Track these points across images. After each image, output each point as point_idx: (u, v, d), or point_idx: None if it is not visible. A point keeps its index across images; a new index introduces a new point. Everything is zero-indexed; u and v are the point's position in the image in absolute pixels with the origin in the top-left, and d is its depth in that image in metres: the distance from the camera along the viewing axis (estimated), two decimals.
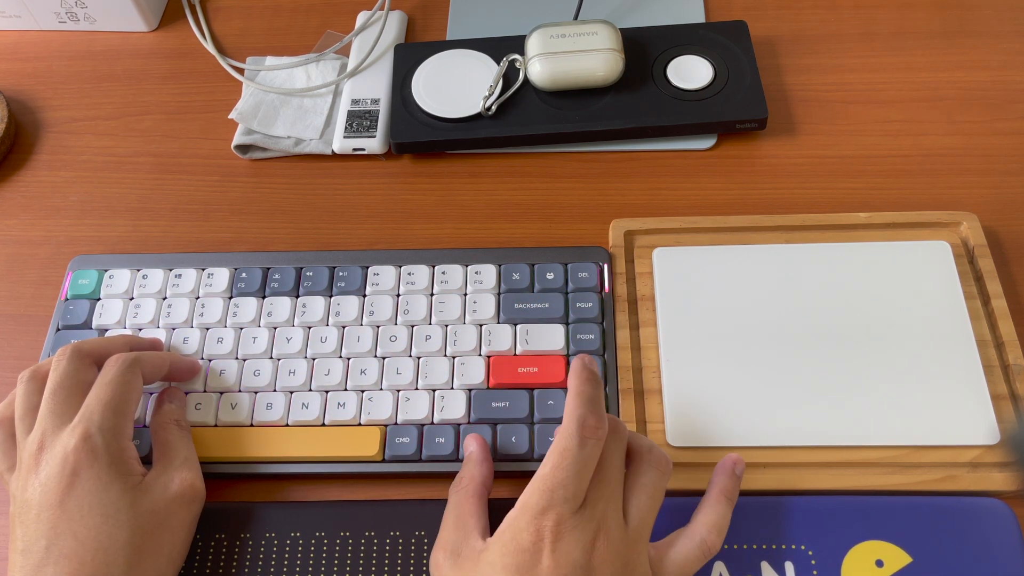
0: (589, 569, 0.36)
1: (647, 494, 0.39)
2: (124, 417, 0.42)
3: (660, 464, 0.40)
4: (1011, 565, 0.41)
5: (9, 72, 0.66)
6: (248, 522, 0.44)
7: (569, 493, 0.36)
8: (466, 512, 0.40)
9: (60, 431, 0.40)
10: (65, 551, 0.38)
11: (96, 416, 0.40)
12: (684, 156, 0.58)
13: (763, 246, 0.51)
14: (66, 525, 0.38)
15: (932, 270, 0.49)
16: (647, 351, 0.48)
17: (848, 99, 0.60)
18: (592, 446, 0.37)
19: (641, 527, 0.38)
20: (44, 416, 0.41)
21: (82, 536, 0.38)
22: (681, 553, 0.39)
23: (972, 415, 0.45)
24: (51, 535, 0.38)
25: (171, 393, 0.47)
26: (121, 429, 0.41)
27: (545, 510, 0.36)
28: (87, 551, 0.38)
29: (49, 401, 0.41)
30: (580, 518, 0.37)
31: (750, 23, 0.63)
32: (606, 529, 0.37)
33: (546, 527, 0.36)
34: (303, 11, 0.68)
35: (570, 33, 0.57)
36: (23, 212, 0.58)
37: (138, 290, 0.51)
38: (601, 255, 0.51)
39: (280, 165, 0.59)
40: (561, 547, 0.36)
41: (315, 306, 0.50)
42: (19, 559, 0.38)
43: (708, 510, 0.40)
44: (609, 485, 0.38)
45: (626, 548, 0.37)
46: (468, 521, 0.39)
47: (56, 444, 0.40)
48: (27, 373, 0.43)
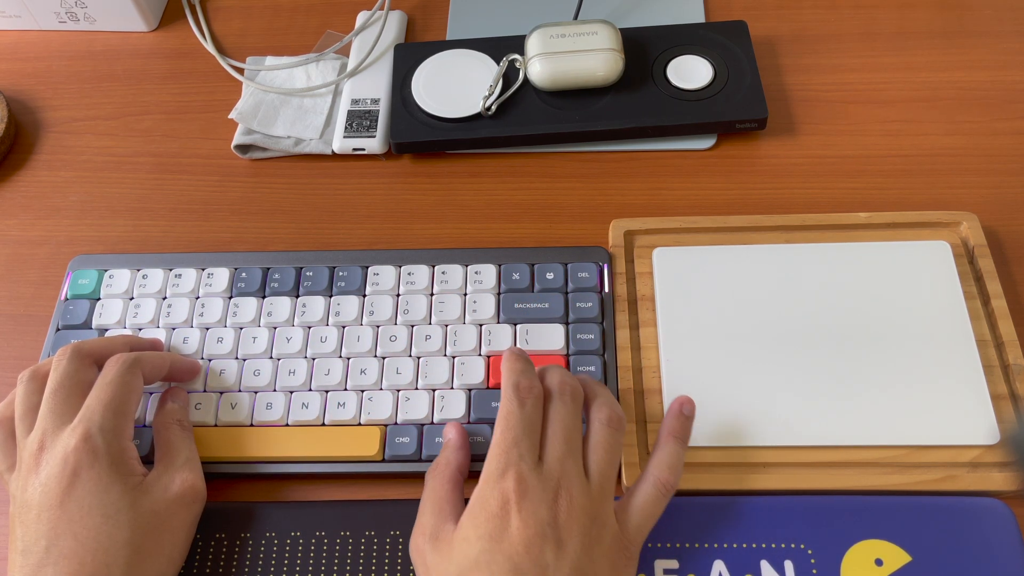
0: (556, 525, 0.37)
1: (603, 449, 0.40)
2: (124, 417, 0.42)
3: (613, 421, 0.41)
4: (1011, 565, 0.41)
5: (9, 72, 0.66)
6: (248, 522, 0.44)
7: (523, 449, 0.38)
8: (442, 497, 0.40)
9: (60, 431, 0.40)
10: (65, 551, 0.38)
11: (97, 416, 0.40)
12: (684, 156, 0.58)
13: (763, 246, 0.51)
14: (66, 525, 0.38)
15: (932, 270, 0.49)
16: (647, 351, 0.48)
17: (848, 99, 0.60)
18: (531, 404, 0.40)
19: (603, 481, 0.39)
20: (44, 416, 0.41)
21: (82, 536, 0.38)
22: (640, 497, 0.40)
23: (972, 415, 0.45)
24: (51, 535, 0.38)
25: (173, 393, 0.46)
26: (121, 429, 0.41)
27: (504, 471, 0.38)
28: (87, 551, 0.38)
29: (49, 401, 0.41)
30: (540, 475, 0.38)
31: (750, 23, 0.63)
32: (568, 485, 0.38)
33: (509, 488, 0.37)
34: (303, 11, 0.68)
35: (570, 33, 0.57)
36: (23, 212, 0.58)
37: (138, 290, 0.51)
38: (601, 255, 0.51)
39: (280, 165, 0.60)
40: (526, 506, 0.37)
41: (315, 306, 0.50)
42: (19, 559, 0.38)
43: (659, 451, 0.42)
44: (564, 443, 0.39)
45: (590, 503, 0.38)
46: (444, 507, 0.40)
47: (56, 444, 0.40)
48: (27, 373, 0.43)
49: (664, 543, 0.42)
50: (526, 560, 0.36)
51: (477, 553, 0.36)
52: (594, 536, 0.38)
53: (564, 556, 0.37)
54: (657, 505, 0.40)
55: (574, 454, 0.39)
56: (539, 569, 0.36)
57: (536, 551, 0.36)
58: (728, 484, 0.44)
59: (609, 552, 0.38)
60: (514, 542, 0.36)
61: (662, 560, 0.42)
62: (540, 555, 0.36)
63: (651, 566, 0.42)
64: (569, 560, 0.37)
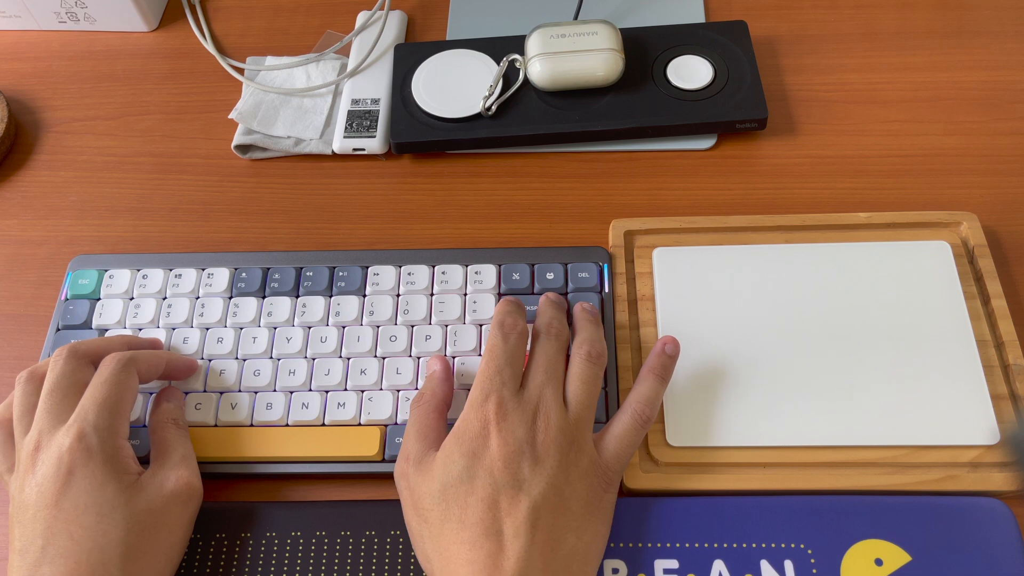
0: (534, 444, 0.40)
1: (581, 381, 0.42)
2: (119, 416, 0.42)
3: (593, 356, 0.43)
4: (1011, 565, 0.41)
5: (9, 72, 0.66)
6: (248, 522, 0.44)
7: (505, 377, 0.41)
8: (428, 426, 0.42)
9: (56, 431, 0.40)
10: (60, 551, 0.38)
11: (91, 415, 0.41)
12: (684, 156, 0.58)
13: (763, 246, 0.51)
14: (62, 525, 0.38)
15: (932, 270, 0.49)
16: (647, 351, 0.48)
17: (848, 99, 0.60)
18: (515, 339, 0.43)
19: (580, 410, 0.42)
20: (40, 416, 0.41)
21: (77, 535, 0.38)
22: (618, 428, 0.42)
23: (972, 415, 0.45)
24: (47, 535, 0.38)
25: (169, 392, 0.47)
26: (116, 428, 0.41)
27: (487, 397, 0.41)
28: (82, 550, 0.38)
29: (46, 401, 0.42)
30: (520, 399, 0.41)
31: (750, 23, 0.63)
32: (546, 409, 0.41)
33: (489, 411, 0.40)
34: (303, 11, 0.68)
35: (570, 33, 0.57)
36: (23, 212, 0.58)
37: (138, 290, 0.51)
38: (601, 255, 0.51)
39: (280, 165, 0.60)
40: (506, 426, 0.39)
41: (315, 306, 0.50)
42: (16, 559, 0.38)
43: (639, 385, 0.44)
44: (545, 373, 0.42)
45: (568, 427, 0.41)
46: (429, 434, 0.42)
47: (52, 444, 0.40)
48: (25, 374, 0.44)
49: (664, 543, 0.42)
50: (504, 474, 0.38)
51: (460, 469, 0.39)
52: (571, 459, 0.40)
53: (540, 471, 0.39)
54: (635, 435, 0.42)
55: (554, 383, 0.42)
56: (516, 482, 0.38)
57: (514, 466, 0.39)
58: (728, 484, 0.44)
59: (586, 475, 0.40)
60: (494, 458, 0.39)
61: (662, 560, 0.42)
62: (518, 469, 0.39)
63: (651, 566, 0.42)
64: (545, 475, 0.39)
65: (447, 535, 0.38)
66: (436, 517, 0.39)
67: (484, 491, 0.38)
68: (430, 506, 0.39)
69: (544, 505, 0.38)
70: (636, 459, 0.44)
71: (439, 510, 0.39)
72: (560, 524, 0.39)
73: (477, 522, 0.38)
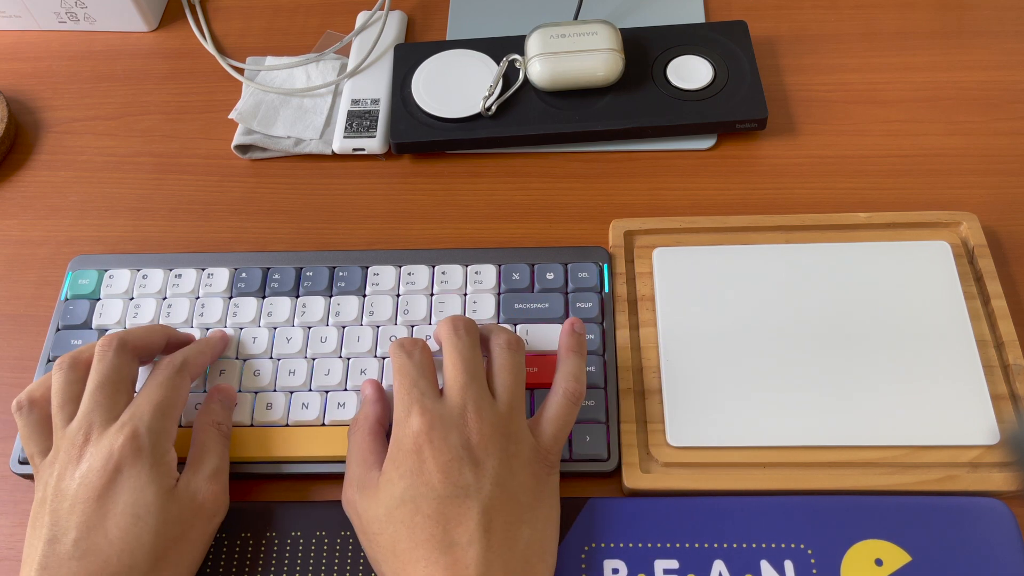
0: (470, 447, 0.39)
1: (506, 371, 0.42)
2: (171, 420, 0.42)
3: (512, 344, 0.43)
4: (1011, 565, 0.41)
5: (9, 72, 0.66)
6: (248, 522, 0.44)
7: (422, 388, 0.41)
8: (365, 449, 0.42)
9: (108, 426, 0.41)
10: (93, 547, 0.38)
11: (146, 416, 0.41)
12: (684, 156, 0.58)
13: (763, 246, 0.51)
14: (99, 521, 0.38)
15: (932, 270, 0.49)
16: (647, 351, 0.48)
17: (848, 99, 0.60)
18: (418, 353, 0.42)
19: (510, 399, 0.41)
20: (92, 410, 0.41)
21: (113, 535, 0.38)
22: (552, 409, 0.42)
23: (972, 415, 0.45)
24: (82, 528, 0.38)
25: (223, 392, 0.46)
26: (167, 432, 0.41)
27: (409, 411, 0.40)
28: (114, 551, 0.38)
29: (97, 395, 0.41)
30: (444, 406, 0.40)
31: (750, 23, 0.63)
32: (474, 409, 0.40)
33: (416, 424, 0.39)
34: (303, 11, 0.68)
35: (570, 33, 0.57)
36: (23, 212, 0.58)
37: (138, 290, 0.51)
38: (601, 255, 0.51)
39: (280, 165, 0.60)
40: (436, 435, 0.39)
41: (315, 306, 0.50)
42: (43, 547, 0.38)
43: (562, 365, 0.44)
44: (463, 372, 0.41)
45: (501, 422, 0.40)
46: (368, 457, 0.41)
47: (104, 439, 0.40)
48: (67, 360, 0.43)
49: (664, 543, 0.42)
50: (447, 485, 0.38)
51: (401, 490, 0.38)
52: (511, 451, 0.40)
53: (483, 473, 0.38)
54: (569, 414, 0.42)
55: (475, 380, 0.41)
56: (460, 490, 0.38)
57: (455, 474, 0.38)
58: (728, 484, 0.44)
59: (528, 463, 0.40)
60: (432, 471, 0.38)
61: (662, 560, 0.42)
62: (459, 477, 0.38)
63: (651, 566, 0.42)
64: (489, 476, 0.38)
65: (401, 556, 0.38)
66: (386, 540, 0.38)
67: (429, 507, 0.38)
68: (379, 530, 0.39)
69: (493, 505, 0.38)
70: (636, 459, 0.44)
71: (388, 533, 0.38)
72: (513, 520, 0.38)
73: (428, 539, 0.37)
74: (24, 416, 0.43)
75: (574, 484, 0.46)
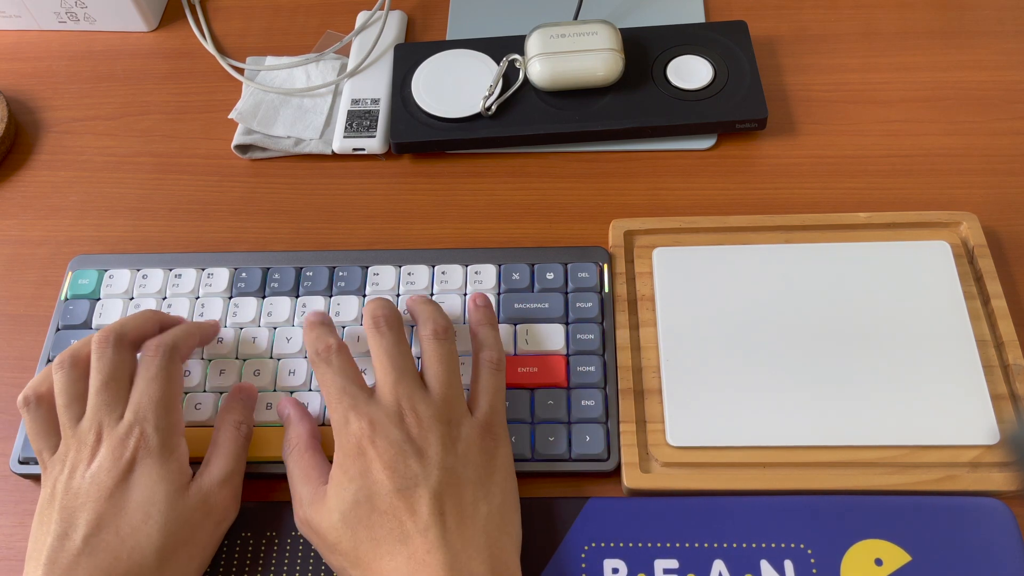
0: (411, 439, 0.39)
1: (435, 361, 0.43)
2: (175, 413, 0.42)
3: (439, 333, 0.43)
4: (1011, 565, 0.41)
5: (9, 72, 0.66)
6: (248, 522, 0.44)
7: (351, 392, 0.41)
8: (307, 466, 0.42)
9: (117, 424, 0.41)
10: (103, 544, 0.38)
11: (151, 415, 0.41)
12: (684, 156, 0.58)
13: (763, 246, 0.51)
14: (110, 518, 0.39)
15: (932, 270, 0.49)
16: (647, 351, 0.48)
17: (848, 99, 0.60)
18: (336, 358, 0.42)
19: (445, 389, 0.42)
20: (99, 407, 0.41)
21: (124, 532, 0.38)
22: (481, 382, 0.44)
23: (972, 415, 0.45)
24: (92, 525, 0.38)
25: (245, 391, 0.46)
26: (174, 426, 0.42)
27: (345, 417, 0.40)
28: (124, 548, 0.38)
29: (102, 393, 0.42)
30: (379, 405, 0.40)
31: (750, 23, 0.63)
32: (408, 403, 0.40)
33: (355, 428, 0.40)
34: (303, 11, 0.68)
35: (570, 33, 0.57)
36: (23, 212, 0.58)
37: (138, 290, 0.51)
38: (601, 255, 0.51)
39: (280, 165, 0.60)
40: (377, 434, 0.39)
41: (315, 306, 0.50)
42: (52, 542, 0.38)
43: (476, 339, 0.46)
44: (392, 370, 0.41)
45: (438, 410, 0.41)
46: (311, 473, 0.41)
47: (114, 438, 0.40)
48: (67, 359, 0.43)
49: (664, 543, 0.42)
50: (395, 479, 0.38)
51: (353, 493, 0.39)
52: (452, 436, 0.40)
53: (428, 461, 0.39)
54: (498, 382, 0.44)
55: (405, 375, 0.41)
56: (409, 481, 0.38)
57: (401, 467, 0.38)
58: (728, 484, 0.44)
59: (474, 442, 0.41)
60: (379, 469, 0.38)
61: (662, 560, 0.42)
62: (406, 469, 0.38)
63: (651, 566, 0.42)
64: (434, 462, 0.39)
65: (364, 558, 0.38)
66: (347, 546, 0.38)
67: (382, 503, 0.38)
68: (337, 538, 0.39)
69: (443, 490, 0.38)
70: (636, 459, 0.44)
71: (347, 538, 0.38)
72: (466, 498, 0.39)
73: (387, 534, 0.38)
74: (31, 412, 0.43)
75: (574, 484, 0.46)
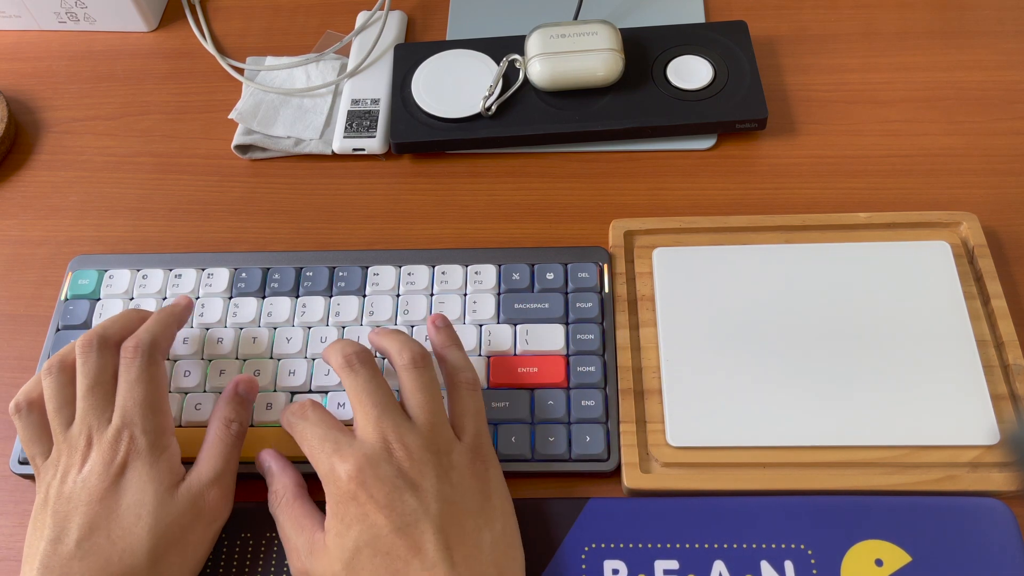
0: (404, 475, 0.38)
1: (417, 391, 0.41)
2: (162, 413, 0.42)
3: (417, 361, 0.42)
4: (1011, 565, 0.41)
5: (9, 72, 0.66)
6: (248, 523, 0.44)
7: (332, 437, 0.40)
8: (298, 516, 0.41)
9: (106, 428, 0.41)
10: (95, 547, 0.38)
11: (138, 419, 0.41)
12: (684, 156, 0.58)
13: (763, 246, 0.51)
14: (102, 522, 0.39)
15: (932, 270, 0.49)
16: (647, 351, 0.48)
17: (848, 99, 0.60)
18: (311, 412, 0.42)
19: (429, 418, 0.41)
20: (87, 412, 0.41)
21: (115, 535, 0.38)
22: (460, 405, 0.42)
23: (972, 415, 0.45)
24: (84, 529, 0.38)
25: (243, 384, 0.45)
26: (162, 427, 0.42)
27: (331, 463, 0.39)
28: (116, 551, 0.38)
29: (89, 397, 0.41)
30: (364, 443, 0.39)
31: (750, 23, 0.63)
32: (395, 436, 0.39)
33: (342, 471, 0.38)
34: (303, 11, 0.68)
35: (570, 33, 0.57)
36: (23, 212, 0.58)
37: (138, 290, 0.51)
38: (601, 255, 0.51)
39: (280, 165, 0.60)
40: (368, 475, 0.38)
41: (315, 306, 0.50)
42: (46, 547, 0.38)
43: (445, 363, 0.44)
44: (373, 407, 0.40)
45: (425, 440, 0.40)
46: (304, 522, 0.40)
47: (103, 442, 0.40)
48: (55, 364, 0.43)
49: (664, 543, 0.42)
50: (394, 517, 0.37)
51: (353, 540, 0.37)
52: (444, 465, 0.39)
53: (425, 494, 0.38)
54: (477, 402, 0.43)
55: (387, 410, 0.40)
56: (409, 518, 0.37)
57: (399, 505, 0.38)
58: (728, 484, 0.44)
59: (466, 468, 0.40)
60: (375, 511, 0.37)
61: (662, 560, 0.42)
62: (403, 506, 0.38)
63: (651, 566, 0.42)
64: (432, 495, 0.38)
65: None
66: None
67: (385, 545, 0.37)
68: None
69: (445, 522, 0.38)
70: (636, 459, 0.44)
71: None
72: (469, 529, 0.38)
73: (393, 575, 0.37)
74: (23, 419, 0.43)
75: (574, 484, 0.46)
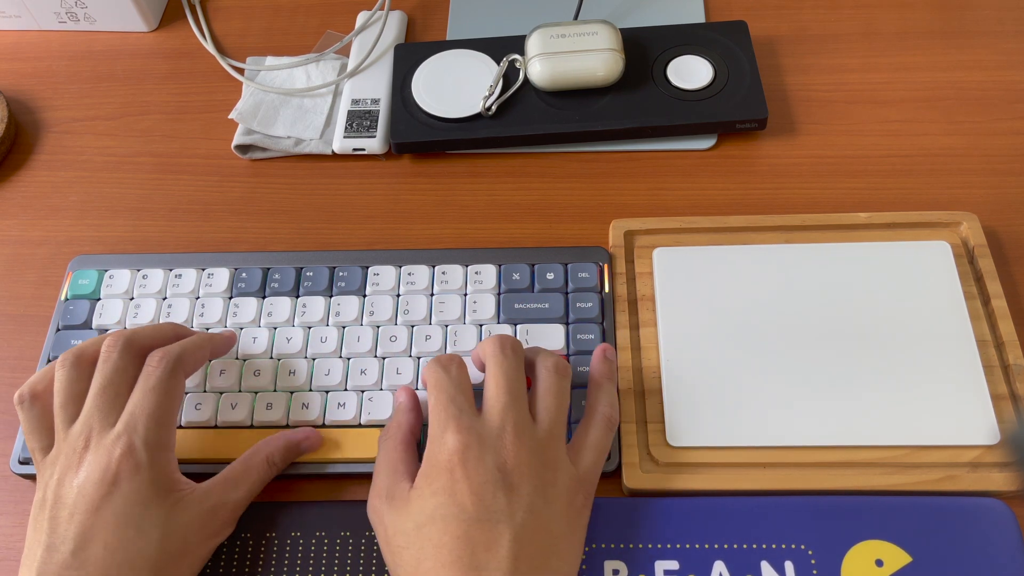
0: (506, 471, 0.38)
1: (551, 395, 0.41)
2: (168, 428, 0.41)
3: (560, 368, 0.42)
4: (1011, 565, 0.41)
5: (9, 72, 0.66)
6: (248, 523, 0.44)
7: (459, 404, 0.39)
8: (396, 458, 0.41)
9: (106, 432, 0.40)
10: (91, 558, 0.37)
11: (140, 427, 0.40)
12: (684, 156, 0.58)
13: (763, 246, 0.51)
14: (99, 532, 0.38)
15: (932, 270, 0.49)
16: (647, 351, 0.48)
17: (848, 99, 0.60)
18: (456, 368, 0.41)
19: (552, 425, 0.40)
20: (92, 413, 0.40)
21: (112, 546, 0.38)
22: (593, 436, 0.42)
23: (972, 415, 0.45)
24: (80, 539, 0.37)
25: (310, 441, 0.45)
26: (165, 442, 0.41)
27: (445, 428, 0.39)
28: (113, 563, 0.37)
29: (98, 398, 0.41)
30: (482, 426, 0.39)
31: (750, 23, 0.63)
32: (514, 430, 0.39)
33: (451, 441, 0.38)
34: (303, 11, 0.68)
35: (570, 33, 0.57)
36: (23, 212, 0.58)
37: (138, 290, 0.51)
38: (601, 255, 0.51)
39: (280, 165, 0.60)
40: (471, 455, 0.38)
41: (315, 306, 0.50)
42: (42, 553, 0.37)
43: (599, 392, 0.43)
44: (506, 393, 0.40)
45: (540, 447, 0.39)
46: (398, 467, 0.41)
47: (101, 447, 0.39)
48: (71, 357, 0.42)
49: (664, 544, 0.42)
50: (478, 507, 0.37)
51: (432, 508, 0.37)
52: (548, 479, 0.39)
53: (518, 499, 0.37)
54: (608, 440, 0.42)
55: (517, 401, 0.40)
56: (492, 514, 0.37)
57: (489, 498, 0.37)
58: (728, 484, 0.44)
59: (565, 492, 0.39)
60: (465, 492, 0.37)
61: (662, 560, 0.42)
62: (492, 501, 0.37)
63: (651, 566, 0.42)
64: (523, 503, 0.37)
65: (423, 575, 0.36)
66: (411, 556, 0.37)
67: (459, 528, 0.36)
68: (404, 544, 0.38)
69: (525, 534, 0.37)
70: (636, 459, 0.44)
71: (414, 549, 0.37)
72: (543, 551, 0.37)
73: (455, 560, 0.36)
74: (26, 410, 0.42)
75: None
